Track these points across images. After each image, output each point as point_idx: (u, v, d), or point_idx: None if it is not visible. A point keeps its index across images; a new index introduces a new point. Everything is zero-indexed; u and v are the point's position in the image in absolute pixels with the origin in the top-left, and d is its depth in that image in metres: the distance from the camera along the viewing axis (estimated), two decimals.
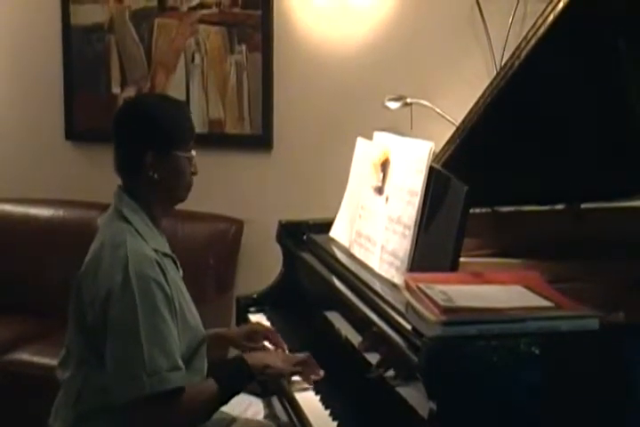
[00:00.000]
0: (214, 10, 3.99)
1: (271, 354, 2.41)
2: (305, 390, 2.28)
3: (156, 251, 2.19)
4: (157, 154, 2.23)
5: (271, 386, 2.36)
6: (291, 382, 2.31)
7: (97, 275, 2.15)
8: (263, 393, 2.54)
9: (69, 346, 2.27)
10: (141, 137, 2.25)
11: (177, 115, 2.30)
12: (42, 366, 3.47)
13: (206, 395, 2.17)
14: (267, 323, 2.75)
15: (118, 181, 2.32)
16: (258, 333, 2.57)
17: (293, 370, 2.30)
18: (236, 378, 2.24)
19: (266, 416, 2.54)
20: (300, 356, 2.36)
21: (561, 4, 2.09)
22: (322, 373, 2.31)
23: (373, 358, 2.10)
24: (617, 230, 2.50)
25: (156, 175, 2.23)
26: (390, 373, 2.01)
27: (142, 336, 2.07)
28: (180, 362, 2.12)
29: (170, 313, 2.13)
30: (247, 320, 2.81)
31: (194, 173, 2.31)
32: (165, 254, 2.25)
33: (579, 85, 2.28)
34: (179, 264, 2.33)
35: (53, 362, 2.38)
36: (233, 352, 2.67)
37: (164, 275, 2.16)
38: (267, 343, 2.54)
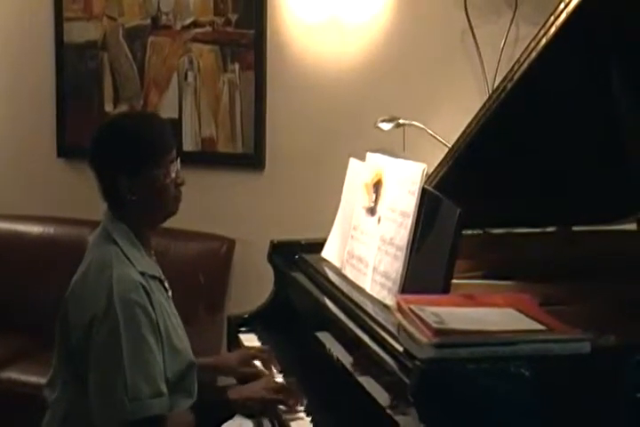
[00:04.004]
0: (208, 28, 4.00)
1: (254, 385, 2.36)
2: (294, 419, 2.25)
3: (142, 274, 2.17)
4: (130, 177, 2.19)
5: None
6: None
7: (82, 298, 2.14)
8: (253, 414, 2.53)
9: (56, 367, 2.26)
10: (109, 164, 2.23)
11: (142, 133, 2.24)
12: (31, 384, 3.46)
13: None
14: (257, 343, 2.74)
15: None
16: (248, 358, 2.56)
17: (274, 398, 2.27)
18: (215, 414, 2.24)
19: None
20: (282, 381, 2.36)
21: (553, 29, 2.10)
22: (304, 401, 2.28)
23: (364, 379, 2.10)
24: (608, 253, 2.50)
25: (134, 197, 2.20)
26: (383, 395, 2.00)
27: (125, 362, 2.06)
28: (164, 388, 2.11)
29: (154, 338, 2.12)
30: (238, 340, 2.80)
31: (180, 184, 2.26)
32: (153, 276, 2.23)
33: (571, 108, 2.29)
34: (167, 285, 2.32)
35: (42, 380, 2.37)
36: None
37: (150, 299, 2.14)
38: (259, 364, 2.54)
